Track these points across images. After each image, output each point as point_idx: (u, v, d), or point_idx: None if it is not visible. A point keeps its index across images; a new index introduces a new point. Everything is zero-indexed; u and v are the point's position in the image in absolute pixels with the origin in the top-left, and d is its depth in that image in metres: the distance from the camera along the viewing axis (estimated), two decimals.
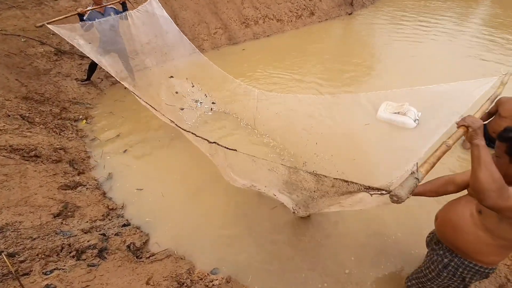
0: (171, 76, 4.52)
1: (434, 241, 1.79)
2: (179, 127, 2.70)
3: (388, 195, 1.12)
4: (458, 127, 1.36)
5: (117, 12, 4.19)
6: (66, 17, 3.87)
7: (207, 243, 2.61)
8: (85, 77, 4.92)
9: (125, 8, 4.26)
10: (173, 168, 3.46)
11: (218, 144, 2.12)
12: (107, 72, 4.72)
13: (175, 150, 3.72)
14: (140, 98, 3.25)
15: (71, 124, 4.04)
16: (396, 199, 1.08)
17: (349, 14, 9.55)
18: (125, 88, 3.55)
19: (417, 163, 1.18)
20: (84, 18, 3.99)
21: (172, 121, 2.80)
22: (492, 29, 8.10)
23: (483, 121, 1.54)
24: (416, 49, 6.93)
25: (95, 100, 4.77)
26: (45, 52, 4.78)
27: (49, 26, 3.59)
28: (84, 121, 4.22)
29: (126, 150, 3.73)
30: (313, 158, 3.09)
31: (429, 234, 1.94)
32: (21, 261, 1.90)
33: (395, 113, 3.74)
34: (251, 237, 2.64)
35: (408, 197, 1.07)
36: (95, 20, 3.94)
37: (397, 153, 1.89)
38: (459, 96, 2.08)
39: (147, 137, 3.96)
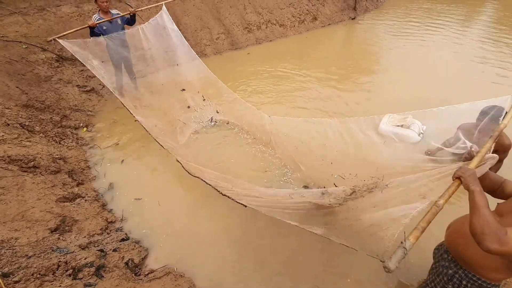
0: (183, 89, 4.49)
1: (441, 252, 1.78)
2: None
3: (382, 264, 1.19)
4: (453, 180, 1.40)
5: (123, 18, 4.23)
6: (76, 30, 3.84)
7: (208, 259, 2.54)
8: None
9: (133, 20, 4.32)
10: (173, 179, 3.39)
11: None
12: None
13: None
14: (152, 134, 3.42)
15: (72, 132, 4.00)
16: (387, 270, 1.16)
17: (352, 19, 9.49)
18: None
19: (404, 233, 1.23)
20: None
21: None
22: (498, 32, 8.02)
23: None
24: (421, 53, 6.87)
25: (97, 107, 4.73)
26: (47, 59, 4.75)
27: (59, 41, 3.58)
28: (85, 128, 4.18)
29: (123, 160, 3.68)
30: (331, 179, 2.99)
31: (438, 246, 1.91)
32: (16, 282, 1.84)
33: (398, 126, 3.64)
34: (254, 258, 2.56)
35: (397, 267, 1.14)
36: (102, 27, 3.97)
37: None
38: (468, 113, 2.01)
39: (147, 146, 3.90)
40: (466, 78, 5.67)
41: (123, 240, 2.63)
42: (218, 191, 2.43)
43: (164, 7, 4.17)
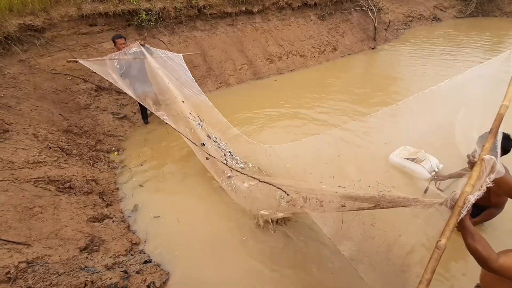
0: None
1: None
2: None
3: None
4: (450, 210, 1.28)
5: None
6: (98, 59, 4.17)
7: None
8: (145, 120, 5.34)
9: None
10: (196, 204, 3.47)
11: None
12: (139, 106, 5.08)
13: (199, 185, 3.76)
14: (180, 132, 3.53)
15: (104, 156, 4.26)
16: None
17: (372, 48, 9.68)
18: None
19: None
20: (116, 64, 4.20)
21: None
22: None
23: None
24: (441, 82, 6.76)
25: (128, 133, 5.05)
26: (87, 89, 5.24)
27: (80, 61, 3.83)
28: (116, 152, 4.45)
29: (142, 184, 3.81)
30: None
31: (476, 286, 1.82)
32: None
33: (409, 159, 3.50)
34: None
35: None
36: (123, 67, 4.25)
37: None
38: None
39: (170, 169, 4.07)
40: (489, 107, 5.47)
41: (146, 262, 2.67)
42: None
43: (181, 56, 4.55)
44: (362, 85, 6.90)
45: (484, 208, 2.55)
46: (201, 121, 4.13)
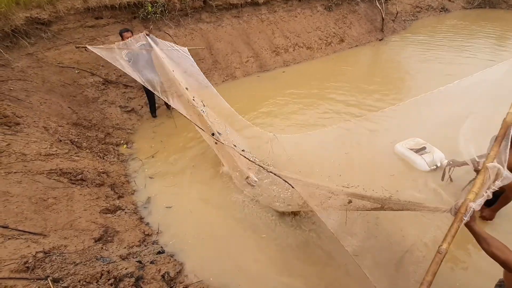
0: (193, 99, 4.13)
1: None
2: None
3: None
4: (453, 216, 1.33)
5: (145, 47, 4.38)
6: (106, 47, 4.23)
7: (244, 278, 2.51)
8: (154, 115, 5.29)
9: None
10: (208, 195, 3.47)
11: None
12: (147, 100, 5.07)
13: (210, 176, 3.75)
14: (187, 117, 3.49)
15: (113, 149, 4.27)
16: None
17: (380, 40, 9.51)
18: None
19: None
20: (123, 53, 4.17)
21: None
22: None
23: None
24: (451, 76, 6.63)
25: (136, 126, 5.06)
26: (95, 82, 5.23)
27: (89, 48, 3.93)
28: (125, 145, 4.46)
29: (152, 177, 3.81)
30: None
31: (498, 282, 1.75)
32: (64, 287, 1.93)
33: (412, 149, 3.51)
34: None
35: None
36: (130, 58, 4.22)
37: None
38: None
39: (180, 161, 4.06)
40: (499, 97, 5.35)
41: (159, 253, 2.69)
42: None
43: (186, 49, 4.47)
44: (370, 78, 6.82)
45: (499, 194, 2.53)
46: (204, 106, 4.02)
